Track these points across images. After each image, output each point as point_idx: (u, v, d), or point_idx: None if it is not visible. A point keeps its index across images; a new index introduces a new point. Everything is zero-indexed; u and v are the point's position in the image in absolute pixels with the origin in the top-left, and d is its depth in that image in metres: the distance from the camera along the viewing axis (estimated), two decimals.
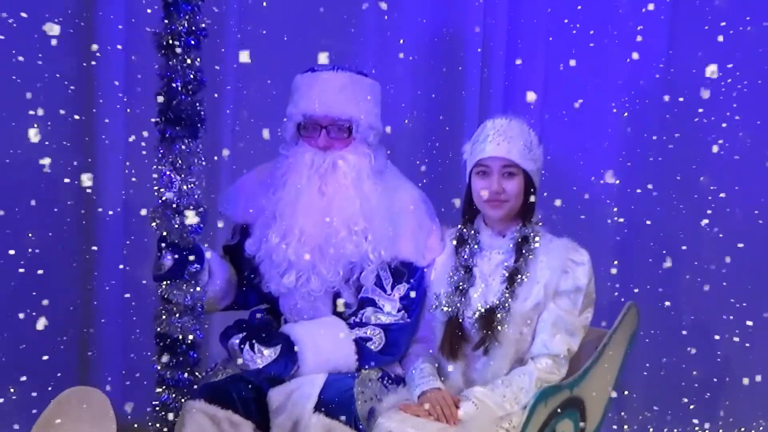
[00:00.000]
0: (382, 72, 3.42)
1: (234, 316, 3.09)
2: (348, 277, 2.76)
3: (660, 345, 3.64)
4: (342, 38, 3.54)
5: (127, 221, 3.47)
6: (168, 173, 2.53)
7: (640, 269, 3.65)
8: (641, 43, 3.58)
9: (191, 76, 2.50)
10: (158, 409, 2.64)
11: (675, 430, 3.68)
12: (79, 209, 3.43)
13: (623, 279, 3.60)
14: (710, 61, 3.50)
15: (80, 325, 3.49)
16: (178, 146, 2.52)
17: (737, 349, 3.57)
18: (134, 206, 3.44)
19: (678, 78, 3.58)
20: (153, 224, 2.59)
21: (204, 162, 2.57)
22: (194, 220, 2.54)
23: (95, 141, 3.42)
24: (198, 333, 2.63)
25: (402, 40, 3.59)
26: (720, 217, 3.51)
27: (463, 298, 2.69)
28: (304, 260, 2.71)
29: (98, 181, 3.41)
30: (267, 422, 2.61)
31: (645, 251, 3.61)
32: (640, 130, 3.60)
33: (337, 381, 2.62)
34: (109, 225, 3.46)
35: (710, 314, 3.60)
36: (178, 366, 2.61)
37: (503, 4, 3.61)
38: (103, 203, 3.44)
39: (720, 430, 3.66)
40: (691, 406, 3.66)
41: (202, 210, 2.58)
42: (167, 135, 2.53)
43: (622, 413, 3.69)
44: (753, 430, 3.64)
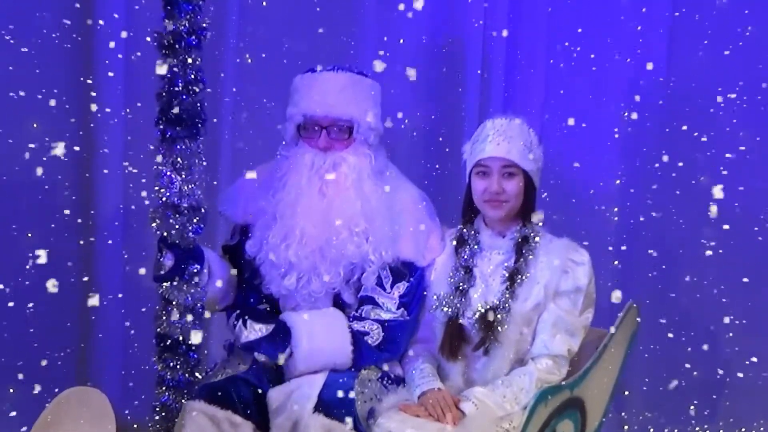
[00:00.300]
0: (382, 72, 3.42)
1: None
2: (349, 278, 2.75)
3: (660, 345, 3.63)
4: (342, 38, 3.54)
5: (127, 221, 3.47)
6: (168, 173, 2.53)
7: (640, 269, 3.65)
8: (642, 44, 3.58)
9: (192, 76, 2.50)
10: (158, 410, 2.63)
11: (675, 431, 3.69)
12: (79, 209, 3.43)
13: (623, 279, 3.60)
14: (711, 61, 3.53)
15: (80, 326, 3.49)
16: (179, 146, 2.52)
17: (737, 350, 3.56)
18: (134, 206, 3.44)
19: (679, 78, 3.58)
20: (153, 225, 2.58)
21: (205, 162, 2.57)
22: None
23: (95, 141, 3.41)
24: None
25: (402, 40, 3.59)
26: (720, 218, 3.50)
27: (463, 299, 2.69)
28: (305, 262, 2.71)
29: (98, 181, 3.41)
30: (267, 423, 2.61)
31: (645, 251, 3.60)
32: (641, 131, 3.60)
33: (337, 381, 2.62)
34: (109, 225, 3.45)
35: (710, 314, 3.60)
36: (178, 366, 2.61)
37: (503, 5, 3.61)
38: (103, 203, 3.44)
39: (720, 431, 3.66)
40: (691, 407, 3.66)
41: (203, 210, 2.58)
42: (168, 135, 2.52)
43: (623, 414, 3.69)
44: (753, 431, 3.64)
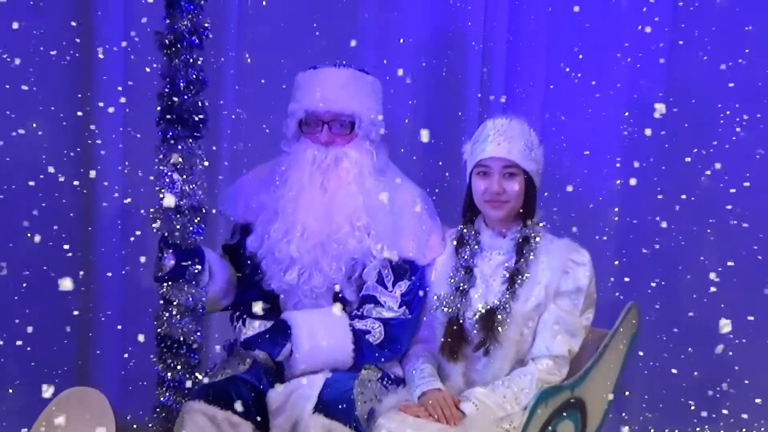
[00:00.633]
0: (382, 71, 3.42)
1: None
2: (350, 274, 2.75)
3: (661, 345, 3.63)
4: (342, 38, 3.54)
5: (127, 222, 3.46)
6: (169, 174, 2.53)
7: (640, 269, 3.64)
8: (642, 43, 3.58)
9: (193, 76, 2.49)
10: (158, 410, 2.63)
11: (675, 431, 3.68)
12: (79, 209, 3.43)
13: (623, 279, 3.60)
14: (712, 60, 3.52)
15: (80, 326, 3.48)
16: (180, 146, 2.52)
17: (738, 350, 3.56)
18: (134, 207, 3.43)
19: (679, 77, 3.57)
20: (154, 225, 2.58)
21: (206, 162, 2.57)
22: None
23: (95, 141, 3.41)
24: (198, 334, 2.62)
25: (402, 40, 3.59)
26: (721, 217, 3.50)
27: (464, 299, 2.68)
28: (307, 256, 2.70)
29: (98, 181, 3.40)
30: (266, 423, 2.61)
31: (645, 251, 3.60)
32: (641, 130, 3.59)
33: (337, 382, 2.61)
34: (109, 225, 3.45)
35: (711, 314, 3.59)
36: (178, 367, 2.60)
37: (503, 4, 3.61)
38: (103, 203, 3.43)
39: (720, 431, 3.66)
40: (692, 407, 3.66)
41: (204, 211, 2.58)
42: (169, 135, 2.52)
43: (623, 414, 3.69)
44: (753, 431, 3.64)
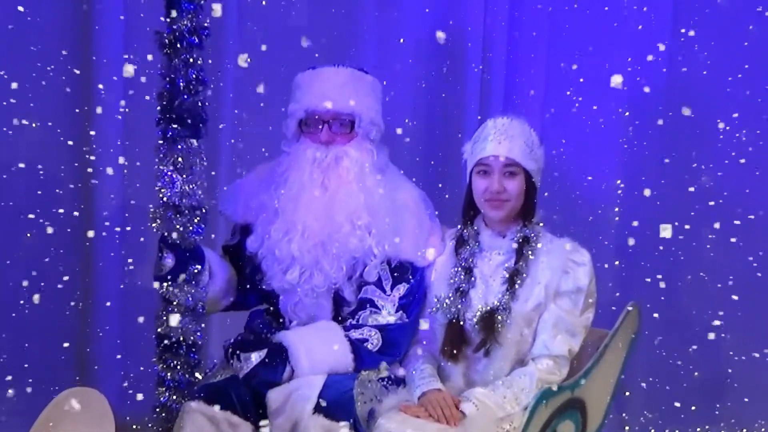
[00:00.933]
0: (382, 72, 3.42)
1: (233, 317, 3.09)
2: (351, 274, 2.74)
3: (661, 346, 3.63)
4: (342, 38, 3.54)
5: (127, 221, 3.46)
6: (169, 173, 2.53)
7: (640, 269, 3.64)
8: (642, 43, 3.57)
9: (194, 76, 2.49)
10: (158, 410, 2.63)
11: (676, 431, 3.68)
12: (79, 209, 3.42)
13: (623, 279, 3.60)
14: (712, 61, 3.52)
15: (80, 326, 3.48)
16: (180, 146, 2.52)
17: (738, 350, 3.56)
18: (134, 206, 3.43)
19: (679, 78, 3.57)
20: (154, 225, 2.58)
21: (206, 162, 2.56)
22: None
23: (94, 141, 3.41)
24: (198, 335, 2.62)
25: (402, 40, 3.59)
26: (721, 217, 3.50)
27: (464, 300, 2.68)
28: (308, 256, 2.70)
29: (98, 181, 3.40)
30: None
31: (645, 252, 3.60)
32: (642, 130, 3.60)
33: (337, 382, 2.61)
34: (109, 225, 3.45)
35: (711, 314, 3.60)
36: (178, 367, 2.60)
37: (503, 4, 3.61)
38: (103, 203, 3.43)
39: (721, 431, 3.66)
40: (693, 407, 3.66)
41: (204, 210, 2.57)
42: (169, 135, 2.52)
43: (624, 414, 3.69)
44: (754, 431, 3.64)
